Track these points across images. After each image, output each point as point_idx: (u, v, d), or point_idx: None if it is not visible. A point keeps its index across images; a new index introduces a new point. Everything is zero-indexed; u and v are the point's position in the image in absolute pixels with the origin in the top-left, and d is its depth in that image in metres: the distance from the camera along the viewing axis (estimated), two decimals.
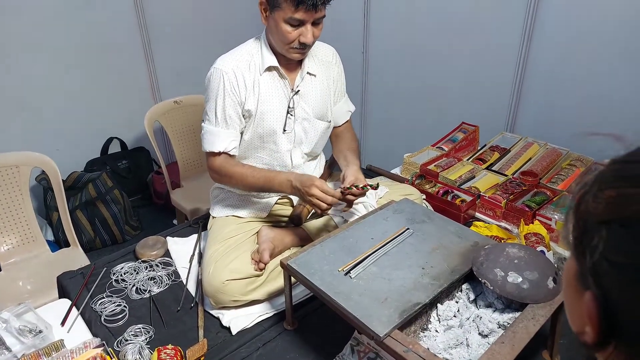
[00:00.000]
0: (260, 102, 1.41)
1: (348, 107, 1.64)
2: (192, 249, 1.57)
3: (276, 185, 1.38)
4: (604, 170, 0.45)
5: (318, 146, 1.58)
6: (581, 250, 0.43)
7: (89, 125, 2.67)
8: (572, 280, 0.46)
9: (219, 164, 1.42)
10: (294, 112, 1.45)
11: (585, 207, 0.44)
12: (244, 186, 1.44)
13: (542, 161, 1.85)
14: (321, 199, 1.28)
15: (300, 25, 1.29)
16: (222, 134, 1.40)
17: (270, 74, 1.42)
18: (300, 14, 1.25)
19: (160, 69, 2.83)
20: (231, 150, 1.42)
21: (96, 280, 1.44)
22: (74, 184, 2.47)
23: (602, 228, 0.41)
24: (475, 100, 2.30)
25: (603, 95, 1.86)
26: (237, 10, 3.06)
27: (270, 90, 1.42)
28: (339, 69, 1.58)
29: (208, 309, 1.33)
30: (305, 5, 1.24)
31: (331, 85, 1.54)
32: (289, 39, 1.31)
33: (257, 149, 1.48)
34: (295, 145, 1.51)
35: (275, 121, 1.44)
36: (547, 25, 1.94)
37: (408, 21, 2.44)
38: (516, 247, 1.13)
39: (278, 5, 1.26)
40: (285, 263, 1.15)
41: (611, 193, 0.41)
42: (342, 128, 1.64)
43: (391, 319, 0.98)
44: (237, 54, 1.41)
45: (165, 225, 2.20)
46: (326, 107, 1.53)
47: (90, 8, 2.47)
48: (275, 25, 1.31)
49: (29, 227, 1.86)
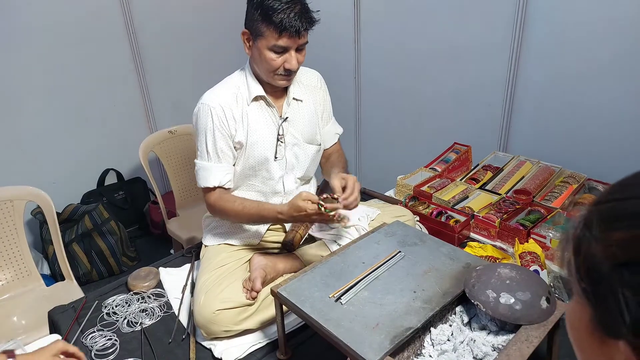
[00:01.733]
0: (250, 133, 1.42)
1: (335, 130, 1.65)
2: (184, 279, 1.56)
3: (270, 218, 1.39)
4: (601, 210, 0.43)
5: (310, 170, 1.59)
6: (598, 296, 0.41)
7: (84, 158, 2.69)
8: (585, 327, 0.43)
9: (214, 200, 1.42)
10: (283, 139, 1.47)
11: (589, 250, 0.42)
12: (240, 220, 1.46)
13: (535, 179, 1.85)
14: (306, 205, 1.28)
15: (284, 52, 1.31)
16: (215, 168, 1.40)
17: (258, 104, 1.43)
18: (284, 40, 1.27)
19: (155, 99, 2.87)
20: (226, 184, 1.42)
21: (87, 314, 1.42)
22: (69, 216, 2.47)
23: (623, 271, 0.39)
24: (467, 120, 2.32)
25: (594, 111, 1.87)
26: (230, 40, 3.12)
27: (259, 120, 1.43)
28: (324, 92, 1.59)
29: (200, 340, 1.31)
30: (289, 32, 1.26)
31: (318, 108, 1.56)
32: (274, 66, 1.32)
33: (249, 177, 1.48)
34: (287, 171, 1.51)
35: (266, 149, 1.44)
36: (534, 46, 1.97)
37: (399, 45, 2.48)
38: (508, 267, 1.12)
39: (261, 34, 1.29)
40: (276, 291, 1.14)
41: (622, 235, 0.40)
42: (330, 150, 1.65)
43: (382, 345, 0.96)
44: (223, 87, 1.43)
45: (162, 255, 2.18)
46: (315, 131, 1.55)
47: (84, 40, 2.52)
48: (259, 54, 1.33)
49: (23, 262, 1.85)
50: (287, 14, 1.24)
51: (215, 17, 3.01)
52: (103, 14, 2.55)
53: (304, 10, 1.28)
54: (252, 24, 1.30)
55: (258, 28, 1.29)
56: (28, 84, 2.40)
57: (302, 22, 1.26)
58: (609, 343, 0.41)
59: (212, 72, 3.06)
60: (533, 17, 1.93)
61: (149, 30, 2.74)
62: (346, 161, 1.65)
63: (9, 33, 2.29)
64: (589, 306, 0.42)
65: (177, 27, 2.85)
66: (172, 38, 2.85)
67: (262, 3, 1.26)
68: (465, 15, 2.16)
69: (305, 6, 1.30)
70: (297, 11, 1.26)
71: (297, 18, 1.25)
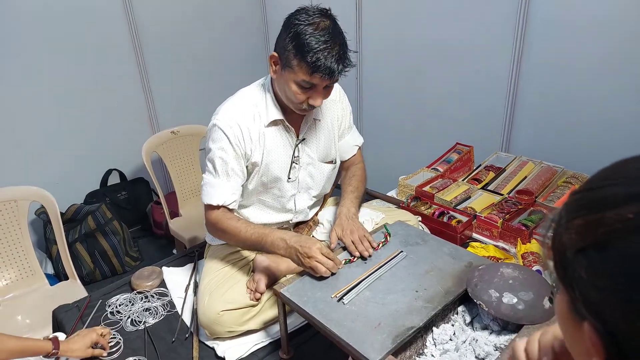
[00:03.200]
0: (265, 154, 1.37)
1: (355, 142, 1.59)
2: (187, 278, 1.56)
3: (268, 244, 1.27)
4: (568, 202, 0.47)
5: (326, 187, 1.57)
6: (568, 283, 0.44)
7: (88, 158, 2.70)
8: (566, 314, 0.46)
9: (215, 218, 1.35)
10: (298, 160, 1.43)
11: (560, 240, 0.45)
12: (237, 241, 1.37)
13: (537, 179, 1.85)
14: (322, 262, 1.16)
15: (311, 89, 1.24)
16: (222, 186, 1.33)
17: (276, 127, 1.38)
18: (314, 79, 1.20)
19: (158, 100, 2.88)
20: (230, 204, 1.35)
21: (91, 313, 1.43)
22: (73, 216, 2.48)
23: (580, 257, 0.42)
24: (469, 120, 2.32)
25: (596, 112, 1.87)
26: (233, 43, 3.14)
27: (276, 142, 1.38)
28: (343, 104, 1.53)
29: (203, 339, 1.32)
30: (322, 73, 1.18)
31: (335, 123, 1.50)
32: (298, 100, 1.25)
33: (260, 193, 1.46)
34: (300, 190, 1.49)
35: (279, 170, 1.41)
36: (536, 46, 1.97)
37: (400, 45, 2.48)
38: (510, 267, 1.12)
39: (291, 66, 1.20)
40: (279, 291, 1.14)
41: (579, 222, 0.43)
42: (349, 163, 1.61)
43: (384, 345, 0.97)
44: (241, 105, 1.35)
45: (164, 255, 2.20)
46: (330, 148, 1.51)
47: (88, 41, 2.53)
48: (284, 83, 1.26)
49: (27, 262, 1.86)
50: (324, 54, 1.16)
51: (218, 18, 3.02)
52: (106, 15, 2.56)
53: (342, 52, 1.20)
54: (283, 52, 1.22)
55: (289, 59, 1.20)
56: (32, 85, 2.41)
57: (338, 64, 1.19)
58: (580, 326, 0.44)
59: (214, 73, 3.10)
60: (535, 17, 1.93)
61: (152, 31, 2.75)
62: (362, 182, 1.56)
63: (13, 34, 2.30)
64: (565, 293, 0.46)
65: (179, 28, 2.87)
66: (174, 39, 2.86)
67: (299, 37, 1.17)
68: (466, 15, 2.17)
69: (344, 47, 1.21)
70: (334, 53, 1.17)
71: (335, 61, 1.17)
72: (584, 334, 0.43)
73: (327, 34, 1.17)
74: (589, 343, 0.42)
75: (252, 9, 3.19)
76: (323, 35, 1.17)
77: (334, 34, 1.19)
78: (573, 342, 0.48)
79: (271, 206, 1.48)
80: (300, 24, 1.18)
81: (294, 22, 1.20)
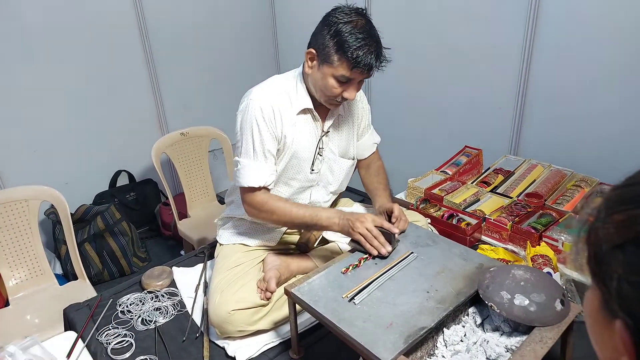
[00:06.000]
0: (294, 142, 1.40)
1: (373, 140, 1.65)
2: (197, 278, 1.57)
3: (323, 218, 1.32)
4: (608, 197, 0.46)
5: (343, 184, 1.60)
6: (601, 279, 0.44)
7: (97, 159, 2.73)
8: (596, 313, 0.46)
9: (261, 200, 1.36)
10: (322, 152, 1.47)
11: (596, 235, 0.44)
12: (286, 221, 1.38)
13: (546, 182, 1.85)
14: (370, 230, 1.24)
15: (347, 83, 1.30)
16: (262, 167, 1.35)
17: (305, 116, 1.42)
18: (353, 74, 1.26)
19: (167, 101, 2.91)
20: (270, 185, 1.38)
21: (102, 311, 1.44)
22: (82, 216, 2.50)
23: (618, 252, 0.42)
24: (478, 123, 2.32)
25: (605, 115, 1.87)
26: (242, 45, 3.16)
27: (304, 131, 1.42)
28: (363, 104, 1.59)
29: (213, 339, 1.32)
30: (361, 69, 1.25)
31: (355, 122, 1.56)
32: (334, 93, 1.31)
33: (278, 183, 1.47)
34: (318, 184, 1.52)
35: (304, 161, 1.44)
36: (545, 50, 1.97)
37: (409, 49, 2.49)
38: (522, 269, 1.12)
39: (331, 62, 1.26)
40: (290, 291, 1.15)
41: (619, 217, 0.43)
42: (368, 161, 1.65)
43: (396, 345, 0.97)
44: (274, 88, 1.38)
45: (173, 256, 2.21)
46: (349, 145, 1.56)
47: (98, 43, 2.56)
48: (321, 77, 1.30)
49: (37, 261, 1.88)
50: (364, 51, 1.23)
51: (227, 20, 3.05)
52: (117, 17, 2.59)
53: (379, 49, 1.27)
54: (322, 48, 1.27)
55: (329, 55, 1.26)
56: (42, 86, 2.44)
57: (377, 60, 1.26)
58: (610, 324, 0.43)
59: (223, 76, 3.11)
60: (545, 21, 1.93)
61: (162, 33, 2.77)
62: (387, 179, 1.62)
63: (24, 36, 2.33)
64: (597, 289, 0.45)
65: (189, 31, 2.89)
66: (184, 41, 2.88)
67: (340, 34, 1.23)
68: (476, 18, 2.17)
69: (380, 44, 1.28)
70: (373, 49, 1.25)
71: (374, 57, 1.25)
72: (613, 332, 0.42)
73: (365, 32, 1.24)
74: (619, 341, 0.42)
75: (262, 12, 3.21)
76: (362, 33, 1.24)
77: (370, 32, 1.26)
78: (600, 341, 0.47)
79: (286, 196, 1.49)
80: (340, 22, 1.25)
81: (333, 21, 1.26)
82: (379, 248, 1.23)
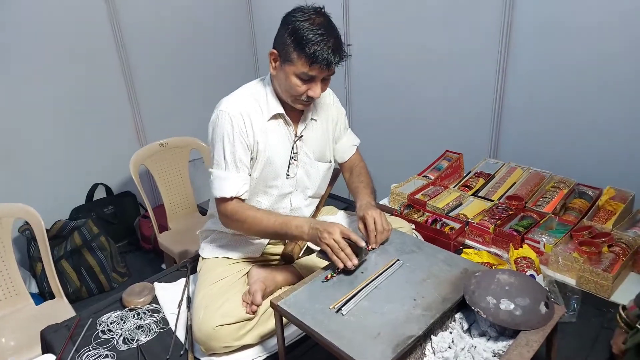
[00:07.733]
0: (267, 148, 1.40)
1: (352, 142, 1.65)
2: (180, 293, 1.54)
3: (293, 227, 1.29)
4: None
5: (321, 187, 1.59)
6: None
7: (73, 173, 2.66)
8: None
9: (233, 209, 1.37)
10: (297, 157, 1.46)
11: None
12: (257, 230, 1.37)
13: (526, 185, 1.87)
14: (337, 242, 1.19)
15: (310, 81, 1.30)
16: (233, 178, 1.36)
17: (276, 121, 1.42)
18: (313, 70, 1.26)
19: (145, 112, 2.86)
20: (242, 195, 1.38)
21: (82, 332, 1.39)
22: (58, 232, 2.43)
23: None
24: (458, 128, 2.35)
25: (582, 117, 1.91)
26: (221, 53, 3.14)
27: (276, 137, 1.41)
28: (337, 107, 1.59)
29: (198, 356, 1.29)
30: (320, 64, 1.25)
31: (330, 126, 1.56)
32: (298, 92, 1.31)
33: (257, 193, 1.47)
34: (297, 189, 1.51)
35: (279, 167, 1.43)
36: (521, 52, 2.01)
37: (388, 53, 2.51)
38: (506, 273, 1.13)
39: (291, 60, 1.27)
40: (276, 304, 1.13)
41: None
42: (351, 163, 1.65)
43: (385, 355, 0.96)
44: (243, 97, 1.39)
45: (153, 271, 2.16)
46: (325, 149, 1.55)
47: (73, 55, 2.50)
48: (285, 77, 1.31)
49: (11, 281, 1.81)
50: (321, 46, 1.23)
51: (205, 30, 3.02)
52: (92, 28, 2.54)
53: (337, 44, 1.27)
54: (282, 47, 1.29)
55: (289, 54, 1.27)
56: (16, 99, 2.37)
57: (335, 55, 1.26)
58: None
59: (202, 85, 3.08)
60: (520, 24, 1.97)
61: (139, 43, 2.73)
62: (370, 178, 1.60)
63: None
64: None
65: (166, 41, 2.86)
66: (161, 51, 2.85)
67: (297, 31, 1.24)
68: (453, 22, 2.20)
69: (338, 40, 1.29)
70: (331, 45, 1.25)
71: (331, 52, 1.25)
72: None
73: (322, 28, 1.25)
74: None
75: (240, 22, 3.20)
76: (319, 29, 1.24)
77: (328, 28, 1.27)
78: None
79: (268, 206, 1.48)
80: (297, 20, 1.26)
81: (291, 19, 1.27)
82: (345, 261, 1.18)
